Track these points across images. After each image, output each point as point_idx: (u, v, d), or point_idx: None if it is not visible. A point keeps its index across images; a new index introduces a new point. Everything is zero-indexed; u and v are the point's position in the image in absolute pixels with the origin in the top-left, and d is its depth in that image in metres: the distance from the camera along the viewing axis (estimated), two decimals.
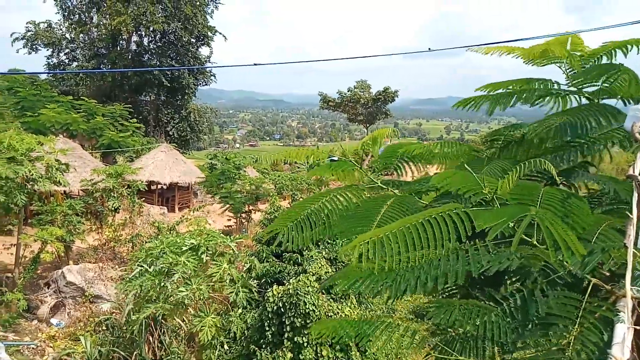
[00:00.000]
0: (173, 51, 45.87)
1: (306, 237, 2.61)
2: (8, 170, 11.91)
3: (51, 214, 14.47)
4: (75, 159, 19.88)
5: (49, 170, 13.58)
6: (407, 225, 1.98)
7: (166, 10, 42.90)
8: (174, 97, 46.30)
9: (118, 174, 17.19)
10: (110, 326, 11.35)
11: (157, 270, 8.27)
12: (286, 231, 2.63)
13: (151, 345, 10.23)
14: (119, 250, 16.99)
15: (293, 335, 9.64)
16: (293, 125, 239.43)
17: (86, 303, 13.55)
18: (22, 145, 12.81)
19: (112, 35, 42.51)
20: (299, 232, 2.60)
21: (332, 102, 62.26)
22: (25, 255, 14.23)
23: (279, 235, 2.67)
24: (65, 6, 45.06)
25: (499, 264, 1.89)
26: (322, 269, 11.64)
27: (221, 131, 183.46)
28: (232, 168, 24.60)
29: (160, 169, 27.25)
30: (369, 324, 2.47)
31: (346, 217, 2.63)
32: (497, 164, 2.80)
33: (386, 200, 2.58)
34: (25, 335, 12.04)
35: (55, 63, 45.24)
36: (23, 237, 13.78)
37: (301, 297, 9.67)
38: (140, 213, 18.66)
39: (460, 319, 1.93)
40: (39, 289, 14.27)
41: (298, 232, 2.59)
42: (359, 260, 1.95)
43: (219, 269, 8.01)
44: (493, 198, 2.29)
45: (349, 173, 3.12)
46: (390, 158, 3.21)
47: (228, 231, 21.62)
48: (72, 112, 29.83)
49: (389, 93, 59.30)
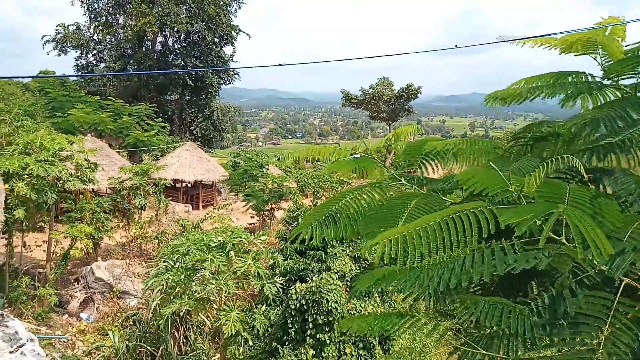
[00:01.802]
0: (197, 51, 46.43)
1: (330, 234, 2.61)
2: (40, 169, 12.28)
3: (80, 212, 14.86)
4: (103, 158, 20.35)
5: (79, 169, 13.94)
6: (430, 222, 1.96)
7: (190, 10, 43.43)
8: (198, 96, 46.87)
9: (144, 172, 17.53)
10: (137, 321, 11.61)
11: (183, 266, 8.41)
12: (310, 230, 2.63)
13: (177, 341, 10.42)
14: (145, 247, 17.34)
15: (316, 332, 9.67)
16: (315, 123, 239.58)
17: (114, 298, 13.89)
18: (53, 145, 13.18)
19: (137, 36, 43.30)
20: (323, 229, 2.59)
21: (354, 100, 61.97)
22: (56, 251, 14.66)
23: (303, 233, 2.67)
24: (92, 8, 46.13)
25: (525, 262, 1.86)
26: (345, 266, 11.64)
27: (244, 130, 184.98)
28: (255, 166, 24.78)
29: (184, 167, 27.67)
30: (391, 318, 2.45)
31: (370, 217, 2.61)
32: (524, 162, 2.74)
33: (411, 200, 2.55)
34: (56, 329, 12.41)
35: (83, 64, 46.39)
36: (54, 233, 14.20)
37: (324, 295, 9.69)
38: (165, 211, 19.00)
39: (485, 316, 1.90)
40: (69, 284, 14.69)
41: (322, 230, 2.59)
42: (381, 258, 1.95)
43: (244, 264, 8.09)
44: (519, 196, 2.25)
45: (372, 170, 3.10)
46: (414, 155, 3.16)
47: (251, 229, 21.80)
48: (99, 112, 30.57)
49: (411, 90, 58.65)
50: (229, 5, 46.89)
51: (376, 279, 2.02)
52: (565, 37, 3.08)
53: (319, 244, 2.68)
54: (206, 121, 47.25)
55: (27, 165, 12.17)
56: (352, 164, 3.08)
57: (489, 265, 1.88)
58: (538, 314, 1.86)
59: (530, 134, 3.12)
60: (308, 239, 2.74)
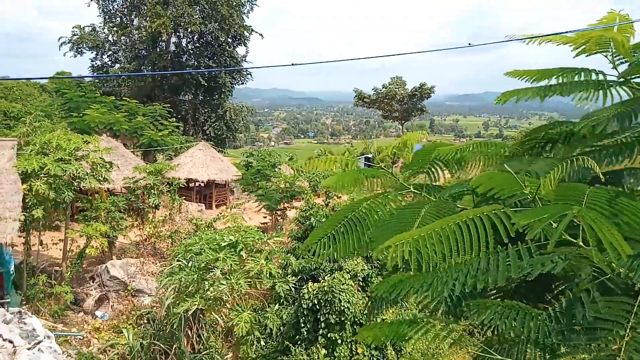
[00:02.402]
0: (210, 51, 46.73)
1: (342, 250, 2.59)
2: (57, 168, 12.48)
3: (96, 211, 15.06)
4: (117, 158, 20.59)
5: (94, 168, 14.13)
6: (444, 226, 1.94)
7: (203, 11, 43.74)
8: (211, 96, 47.19)
9: (158, 171, 17.70)
10: (151, 319, 11.73)
11: (196, 265, 8.47)
12: (318, 246, 2.61)
13: (190, 339, 10.50)
14: (159, 246, 17.51)
15: (328, 332, 9.67)
16: (327, 123, 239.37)
17: (128, 297, 14.05)
18: (69, 145, 13.39)
19: (152, 37, 43.73)
20: (334, 246, 2.58)
21: (367, 99, 61.82)
22: (71, 249, 14.88)
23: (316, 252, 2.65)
24: (107, 10, 46.72)
25: (541, 266, 1.83)
26: (357, 266, 11.62)
27: (257, 130, 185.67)
28: (268, 166, 24.87)
29: (198, 166, 27.86)
30: (406, 324, 2.44)
31: (381, 227, 2.59)
32: (539, 163, 2.70)
33: (422, 208, 2.52)
34: (72, 326, 12.60)
35: (98, 65, 47.00)
36: (70, 232, 14.41)
37: (336, 295, 9.68)
38: (179, 210, 19.16)
39: (500, 320, 1.88)
40: (85, 282, 14.89)
41: (333, 246, 2.57)
42: (393, 261, 1.93)
43: (257, 264, 8.13)
44: (535, 198, 2.22)
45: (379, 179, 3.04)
46: (423, 161, 3.12)
47: (264, 228, 21.88)
48: (114, 112, 30.96)
49: (424, 89, 58.28)
50: (242, 6, 47.13)
51: (393, 285, 2.01)
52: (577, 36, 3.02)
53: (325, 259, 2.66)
54: (219, 121, 47.55)
55: (44, 165, 12.38)
56: (357, 175, 2.97)
57: (503, 269, 1.85)
58: (556, 319, 1.83)
59: (545, 134, 3.07)
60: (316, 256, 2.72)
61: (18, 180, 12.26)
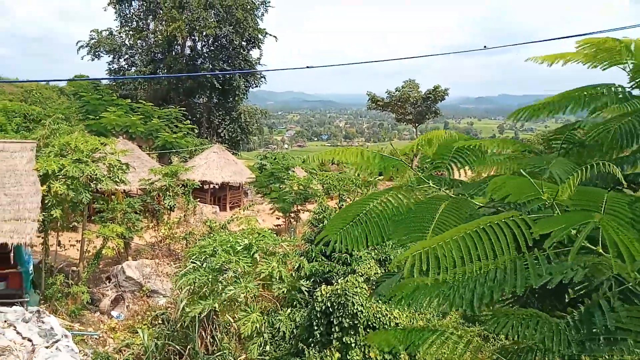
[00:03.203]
0: (225, 54, 47.14)
1: (358, 242, 2.59)
2: (74, 169, 12.70)
3: (112, 212, 15.27)
4: (134, 160, 20.86)
5: (111, 170, 14.34)
6: (461, 234, 1.93)
7: (218, 15, 44.15)
8: (226, 99, 47.57)
9: (173, 173, 17.88)
10: (165, 320, 11.84)
11: (210, 267, 8.53)
12: (337, 236, 2.62)
13: (204, 340, 10.57)
14: (173, 247, 17.67)
15: (341, 335, 9.64)
16: (341, 126, 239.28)
17: (143, 297, 14.20)
18: (87, 147, 13.61)
19: (167, 40, 44.28)
20: (350, 235, 2.58)
21: (380, 102, 61.68)
22: (88, 250, 15.10)
23: (331, 243, 2.66)
24: (123, 14, 47.45)
25: (561, 275, 1.80)
26: (371, 269, 11.58)
27: (270, 132, 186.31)
28: (281, 169, 24.97)
29: (212, 169, 28.09)
30: (420, 332, 2.43)
31: (399, 222, 2.58)
32: (558, 167, 2.67)
33: (440, 203, 2.51)
34: (88, 326, 12.77)
35: (115, 68, 47.72)
36: (87, 233, 14.63)
37: (349, 298, 9.66)
38: (194, 212, 19.32)
39: (520, 329, 1.86)
40: (101, 282, 15.10)
41: (348, 236, 2.58)
42: (411, 272, 1.92)
43: (269, 267, 8.16)
44: (553, 204, 2.19)
45: (399, 171, 3.05)
46: (443, 156, 3.10)
47: (277, 230, 21.95)
48: (130, 115, 31.39)
49: (438, 92, 57.95)
50: (256, 9, 47.46)
51: (408, 292, 2.00)
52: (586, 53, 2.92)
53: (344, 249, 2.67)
54: (233, 124, 47.90)
55: (62, 167, 12.60)
56: (379, 163, 3.01)
57: (521, 277, 1.83)
58: (575, 328, 1.80)
59: (564, 137, 3.02)
60: (333, 245, 2.73)
61: (37, 182, 12.51)
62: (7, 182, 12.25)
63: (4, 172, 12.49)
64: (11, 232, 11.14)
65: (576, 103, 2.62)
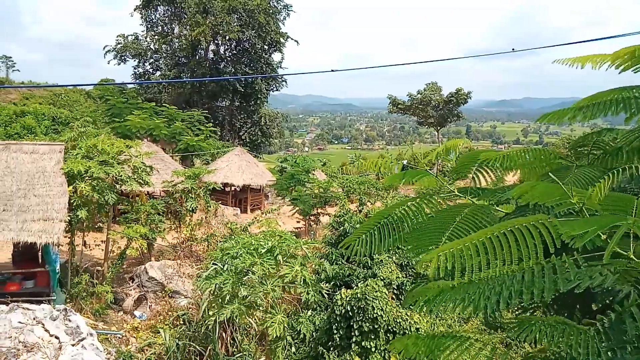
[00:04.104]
0: (247, 58, 47.68)
1: (377, 245, 2.59)
2: (100, 171, 12.99)
3: (136, 213, 15.54)
4: (157, 162, 21.22)
5: (135, 172, 14.61)
6: (488, 236, 1.90)
7: (241, 19, 44.70)
8: (248, 102, 48.09)
9: (196, 175, 18.10)
10: (187, 321, 11.98)
11: (232, 270, 8.60)
12: (360, 241, 2.63)
13: (224, 342, 10.65)
14: (195, 249, 17.88)
15: (361, 339, 9.59)
16: (361, 129, 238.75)
17: (165, 298, 14.39)
18: (112, 149, 13.91)
19: (191, 45, 45.02)
20: (371, 241, 2.59)
21: (401, 105, 61.36)
22: (113, 250, 15.40)
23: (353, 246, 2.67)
24: (149, 19, 48.47)
25: (590, 279, 1.76)
26: (392, 274, 11.51)
27: (291, 135, 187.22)
28: (302, 171, 25.06)
29: (234, 171, 28.37)
30: (442, 339, 2.39)
31: (420, 230, 2.57)
32: (586, 172, 2.61)
33: (461, 211, 2.49)
34: (112, 325, 13.01)
35: (140, 72, 48.76)
36: (111, 233, 14.94)
37: (369, 302, 9.60)
38: (215, 214, 19.52)
39: (547, 337, 1.82)
40: (124, 282, 15.37)
41: (370, 242, 2.59)
42: (436, 273, 1.91)
43: (292, 270, 8.17)
44: (582, 209, 2.14)
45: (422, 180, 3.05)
46: (467, 165, 3.09)
47: (297, 233, 22.01)
48: (155, 118, 31.98)
49: (461, 95, 57.32)
50: (279, 13, 47.88)
51: (433, 297, 1.97)
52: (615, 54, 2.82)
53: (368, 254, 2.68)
54: (255, 127, 48.35)
55: (89, 168, 12.91)
56: (404, 176, 3.06)
57: (549, 282, 1.79)
58: (605, 336, 1.75)
59: (594, 143, 2.96)
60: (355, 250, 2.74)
61: (65, 183, 12.84)
62: (36, 183, 12.62)
63: (33, 173, 12.87)
64: (40, 231, 11.46)
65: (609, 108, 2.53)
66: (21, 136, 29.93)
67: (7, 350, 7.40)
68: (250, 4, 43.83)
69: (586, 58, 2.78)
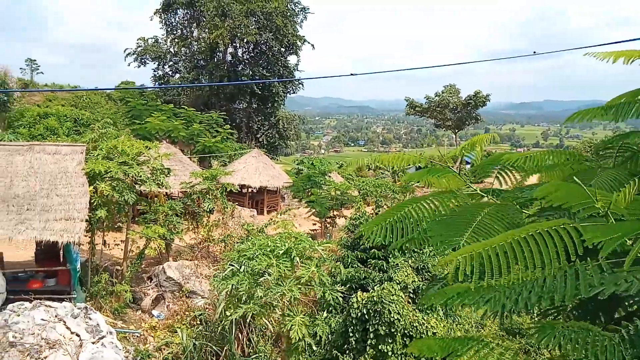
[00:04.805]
0: (264, 61, 47.98)
1: (396, 236, 2.58)
2: (120, 171, 13.21)
3: (155, 214, 15.74)
4: (175, 163, 21.46)
5: (154, 173, 14.81)
6: (509, 240, 1.87)
7: (259, 22, 45.02)
8: (265, 105, 48.37)
9: (213, 177, 18.26)
10: (203, 321, 12.08)
11: (249, 271, 8.65)
12: (377, 229, 2.62)
13: (240, 343, 10.71)
14: (212, 250, 18.02)
15: (377, 343, 9.54)
16: (378, 131, 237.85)
17: (183, 297, 14.53)
18: (132, 150, 14.13)
19: (210, 47, 45.51)
20: (390, 230, 2.59)
21: (419, 108, 60.99)
22: (132, 250, 15.62)
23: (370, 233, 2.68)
24: (169, 22, 49.17)
25: (614, 286, 1.72)
26: (408, 277, 11.42)
27: (307, 137, 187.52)
28: (318, 173, 25.09)
29: (251, 173, 28.56)
30: (462, 342, 2.36)
31: (440, 222, 2.56)
32: (610, 176, 2.55)
33: (484, 208, 2.46)
34: (130, 324, 13.19)
35: (160, 75, 49.46)
36: (131, 233, 15.15)
37: (386, 305, 9.55)
38: (232, 215, 19.65)
39: (570, 344, 1.78)
40: (143, 282, 15.57)
41: (389, 231, 2.58)
42: (454, 275, 1.89)
43: (308, 271, 8.18)
44: (607, 213, 2.10)
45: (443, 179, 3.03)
46: (490, 166, 3.06)
47: (313, 235, 22.01)
48: (173, 120, 32.39)
49: (479, 97, 56.71)
50: (296, 16, 48.10)
51: (450, 296, 1.96)
52: None
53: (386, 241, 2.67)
54: (272, 129, 48.60)
55: (109, 169, 13.14)
56: (425, 173, 3.04)
57: (572, 287, 1.76)
58: (630, 343, 1.71)
59: (620, 146, 2.89)
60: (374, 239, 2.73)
61: (86, 183, 13.08)
62: (59, 183, 12.88)
63: (56, 173, 13.14)
64: (62, 231, 11.70)
65: None
66: (44, 137, 30.59)
67: (30, 346, 7.57)
68: (267, 7, 44.13)
69: (619, 53, 2.73)
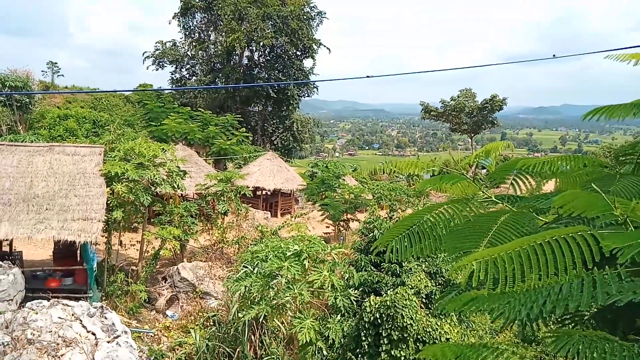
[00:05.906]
0: (280, 64, 48.25)
1: (414, 250, 2.56)
2: (136, 173, 13.40)
3: (170, 215, 15.90)
4: (191, 165, 21.67)
5: (170, 175, 14.98)
6: (524, 246, 1.85)
7: (275, 25, 45.31)
8: (280, 108, 48.60)
9: (228, 179, 18.39)
10: (217, 322, 12.15)
11: (261, 273, 8.68)
12: (393, 243, 2.60)
13: (253, 344, 10.74)
14: (226, 251, 18.13)
15: (390, 347, 9.48)
16: (392, 135, 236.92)
17: (196, 298, 14.64)
18: (149, 152, 14.31)
19: (226, 51, 45.94)
20: (406, 244, 2.56)
21: (434, 112, 60.65)
22: (147, 250, 15.80)
23: (388, 249, 2.65)
24: (187, 26, 49.77)
25: (633, 294, 1.69)
26: (421, 282, 11.33)
27: (322, 140, 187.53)
28: (332, 177, 25.08)
29: (265, 175, 28.68)
30: (476, 348, 2.33)
31: (455, 232, 2.53)
32: (631, 182, 2.50)
33: (499, 216, 2.43)
34: (145, 324, 13.33)
35: (177, 78, 50.06)
36: (146, 234, 15.33)
37: (399, 310, 9.48)
38: (246, 217, 19.75)
39: (588, 352, 1.74)
40: (157, 282, 15.73)
41: (405, 245, 2.56)
42: (468, 280, 1.87)
43: (320, 276, 8.17)
44: (625, 221, 2.06)
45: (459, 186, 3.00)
46: (505, 172, 3.02)
47: (326, 238, 22.01)
48: (190, 122, 32.74)
49: (496, 101, 56.16)
50: (312, 19, 48.28)
51: (465, 302, 1.94)
52: None
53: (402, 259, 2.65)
54: (286, 132, 48.79)
55: (126, 171, 13.33)
56: (439, 180, 3.02)
57: (588, 294, 1.73)
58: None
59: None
60: (389, 253, 2.72)
61: (103, 184, 13.29)
62: (77, 184, 13.11)
63: (74, 174, 13.38)
64: (79, 230, 11.90)
65: None
66: (64, 138, 31.18)
67: (47, 344, 7.70)
68: (283, 11, 44.39)
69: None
